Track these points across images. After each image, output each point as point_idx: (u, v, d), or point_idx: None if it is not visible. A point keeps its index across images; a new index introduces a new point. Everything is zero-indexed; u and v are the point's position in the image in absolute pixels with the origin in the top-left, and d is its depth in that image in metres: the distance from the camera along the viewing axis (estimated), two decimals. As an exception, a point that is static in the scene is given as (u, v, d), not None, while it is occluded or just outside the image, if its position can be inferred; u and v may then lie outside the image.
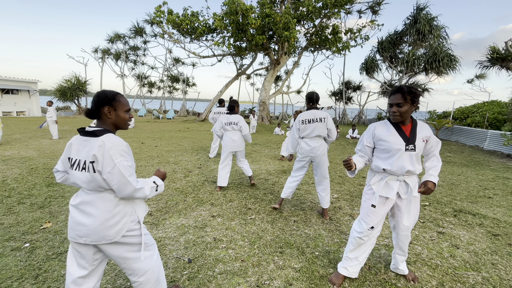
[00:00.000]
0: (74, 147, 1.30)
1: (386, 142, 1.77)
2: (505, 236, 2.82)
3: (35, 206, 3.21)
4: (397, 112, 1.72)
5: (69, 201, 1.35)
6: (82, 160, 1.26)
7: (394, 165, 1.76)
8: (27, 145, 7.29)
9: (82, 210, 1.29)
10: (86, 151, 1.25)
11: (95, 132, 1.26)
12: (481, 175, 5.69)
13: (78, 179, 1.28)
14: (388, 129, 1.80)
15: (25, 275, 1.95)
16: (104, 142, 1.23)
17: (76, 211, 1.30)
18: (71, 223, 1.31)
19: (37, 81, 19.98)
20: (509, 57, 11.80)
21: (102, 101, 1.32)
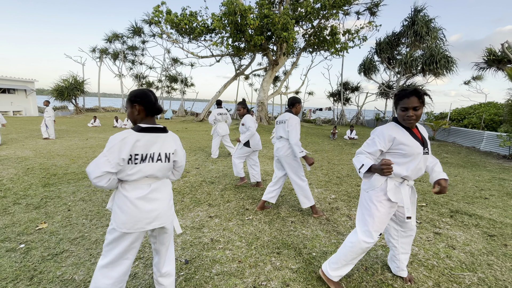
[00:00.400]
0: (139, 143, 1.38)
1: (408, 147, 1.67)
2: (501, 237, 2.84)
3: (30, 206, 3.18)
4: (414, 116, 1.65)
5: (128, 196, 1.39)
6: (157, 152, 1.43)
7: (414, 170, 1.71)
8: (23, 145, 7.24)
9: (151, 198, 1.44)
10: (159, 145, 1.44)
11: (164, 128, 1.51)
12: (477, 176, 5.73)
13: (152, 169, 1.42)
14: (404, 133, 1.71)
15: (20, 276, 1.94)
16: (175, 137, 1.56)
17: (143, 201, 1.41)
18: (138, 215, 1.40)
19: (34, 80, 19.85)
20: (505, 59, 11.91)
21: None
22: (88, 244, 2.40)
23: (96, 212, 3.08)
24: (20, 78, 18.84)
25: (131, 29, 22.02)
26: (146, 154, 1.40)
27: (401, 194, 1.75)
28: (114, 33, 23.23)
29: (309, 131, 14.43)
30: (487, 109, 12.12)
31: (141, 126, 1.42)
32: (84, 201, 3.41)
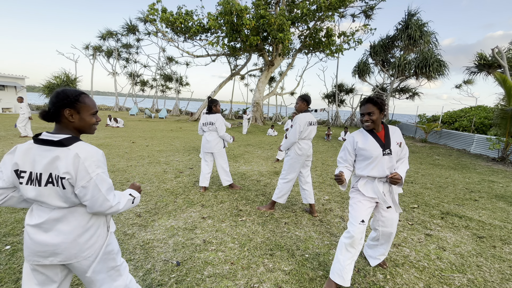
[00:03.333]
0: (26, 157, 1.08)
1: (365, 151, 1.90)
2: (490, 239, 2.89)
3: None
4: (369, 120, 1.89)
5: (26, 222, 1.16)
6: (45, 173, 1.08)
7: (375, 170, 1.90)
8: (12, 143, 7.06)
9: (48, 229, 1.12)
10: (47, 162, 1.07)
11: (62, 141, 1.09)
12: (467, 178, 5.84)
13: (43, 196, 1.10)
14: (365, 137, 1.94)
15: (5, 279, 1.88)
16: (78, 154, 1.09)
17: (39, 231, 1.12)
18: (31, 245, 1.13)
19: (24, 77, 19.40)
20: (496, 64, 12.19)
21: (63, 103, 1.12)
22: (77, 246, 2.34)
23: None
24: (10, 75, 18.39)
25: (125, 27, 21.75)
26: (31, 172, 1.09)
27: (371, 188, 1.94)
28: (108, 30, 22.91)
29: (304, 132, 14.45)
30: (477, 113, 12.38)
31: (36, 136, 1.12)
32: (74, 201, 3.33)
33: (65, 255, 1.15)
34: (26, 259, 1.16)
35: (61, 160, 1.08)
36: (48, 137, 1.10)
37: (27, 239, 1.14)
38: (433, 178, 5.63)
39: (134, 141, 8.34)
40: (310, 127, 3.11)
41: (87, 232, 1.19)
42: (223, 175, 4.03)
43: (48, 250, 1.13)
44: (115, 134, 9.87)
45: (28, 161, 1.09)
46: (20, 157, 1.10)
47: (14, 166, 1.10)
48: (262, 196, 3.91)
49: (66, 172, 1.07)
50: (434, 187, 4.90)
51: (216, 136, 3.87)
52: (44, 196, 1.10)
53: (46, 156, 1.08)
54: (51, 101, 1.13)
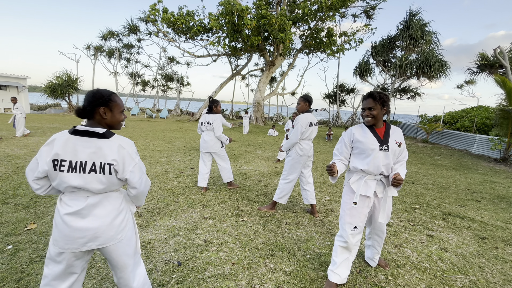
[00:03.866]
0: (66, 147, 1.18)
1: (362, 143, 1.89)
2: (492, 240, 2.88)
3: (20, 206, 3.11)
4: (369, 115, 1.87)
5: (60, 212, 1.23)
6: (89, 161, 1.19)
7: (370, 165, 1.87)
8: (13, 142, 7.08)
9: (86, 215, 1.23)
10: (91, 152, 1.20)
11: (105, 133, 1.24)
12: (469, 178, 5.82)
13: (81, 181, 1.20)
14: (363, 131, 1.93)
15: (7, 279, 1.88)
16: (121, 145, 1.26)
17: (77, 218, 1.22)
18: (70, 233, 1.21)
19: (26, 77, 19.47)
20: (497, 64, 12.14)
21: (98, 101, 1.26)
22: (78, 246, 2.34)
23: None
24: (11, 75, 18.46)
25: (127, 27, 21.79)
26: (73, 161, 1.19)
27: (367, 187, 1.89)
28: (109, 30, 22.96)
29: (305, 132, 14.45)
30: (479, 113, 12.34)
31: (73, 128, 1.24)
32: (75, 201, 3.34)
33: (104, 238, 1.27)
34: (63, 248, 1.23)
35: (105, 150, 1.22)
36: (91, 129, 1.22)
37: (64, 228, 1.22)
38: (435, 179, 5.61)
39: (135, 141, 8.36)
40: (311, 128, 3.11)
41: (120, 215, 1.33)
42: (223, 173, 4.07)
43: (88, 234, 1.23)
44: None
45: (68, 151, 1.19)
46: (60, 147, 1.19)
47: (54, 156, 1.18)
48: (263, 196, 3.91)
49: (113, 160, 1.22)
50: (435, 188, 4.89)
51: (213, 136, 3.87)
52: (87, 182, 1.21)
53: (90, 146, 1.21)
54: (88, 100, 1.26)
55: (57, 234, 1.23)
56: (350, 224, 1.90)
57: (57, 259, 1.27)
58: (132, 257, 1.40)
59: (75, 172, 1.19)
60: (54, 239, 1.25)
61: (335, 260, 1.98)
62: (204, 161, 3.97)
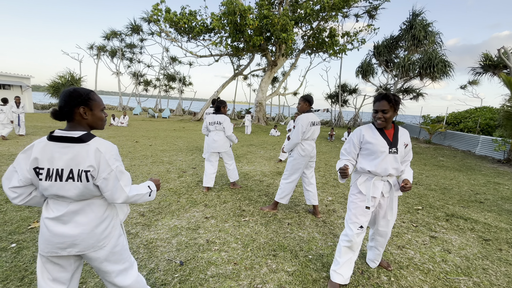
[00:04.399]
0: (44, 154, 1.13)
1: (372, 145, 1.86)
2: (496, 241, 2.86)
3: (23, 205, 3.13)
4: (382, 118, 1.83)
5: (43, 215, 1.20)
6: (66, 169, 1.13)
7: (378, 167, 1.85)
8: (17, 141, 7.14)
9: (67, 221, 1.18)
10: (68, 158, 1.13)
11: (82, 137, 1.16)
12: (472, 179, 5.78)
13: (63, 190, 1.14)
14: (373, 132, 1.90)
15: (10, 277, 1.89)
16: (98, 148, 1.16)
17: (58, 223, 1.18)
18: (50, 237, 1.18)
19: (30, 76, 19.60)
20: (501, 64, 12.05)
21: (77, 101, 1.17)
22: (81, 244, 2.36)
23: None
24: (15, 74, 18.60)
25: (129, 27, 21.88)
26: (51, 169, 1.13)
27: (375, 188, 1.89)
28: (112, 30, 23.05)
29: (307, 133, 14.42)
30: (482, 114, 12.25)
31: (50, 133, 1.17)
32: (78, 200, 3.35)
33: (83, 246, 1.21)
34: (43, 251, 1.20)
35: (82, 156, 1.14)
36: (66, 134, 1.15)
37: (45, 231, 1.18)
38: (438, 180, 5.58)
39: (137, 141, 8.38)
40: (313, 128, 3.10)
41: (103, 223, 1.26)
42: (231, 172, 4.11)
43: (67, 241, 1.18)
44: (118, 134, 9.93)
45: (45, 158, 1.13)
46: (38, 154, 1.13)
47: (34, 163, 1.13)
48: (265, 196, 3.91)
49: (90, 166, 1.14)
50: (438, 189, 4.86)
51: (223, 136, 3.91)
52: (64, 190, 1.15)
53: (66, 152, 1.14)
54: (64, 100, 1.17)
55: (40, 237, 1.21)
56: (356, 223, 1.89)
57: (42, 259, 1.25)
58: (117, 263, 1.33)
59: (51, 181, 1.13)
60: (39, 242, 1.22)
61: (338, 260, 1.97)
62: (212, 161, 4.00)
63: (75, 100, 1.17)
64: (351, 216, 1.92)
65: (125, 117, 13.22)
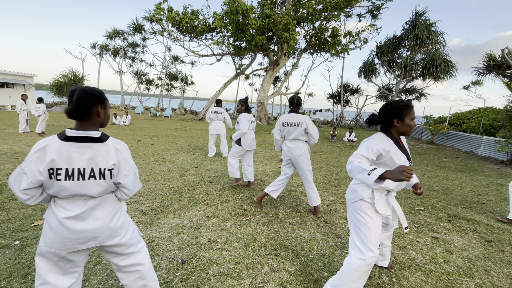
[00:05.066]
0: (60, 155, 1.13)
1: (393, 160, 1.62)
2: (498, 243, 2.84)
3: (26, 202, 3.15)
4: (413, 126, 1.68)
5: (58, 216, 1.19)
6: (87, 168, 1.17)
7: (401, 184, 1.68)
8: (20, 140, 7.19)
9: (86, 217, 1.23)
10: (88, 158, 1.16)
11: (101, 137, 1.21)
12: (475, 180, 5.75)
13: (83, 188, 1.18)
14: (391, 144, 1.65)
15: (14, 274, 1.91)
16: (117, 147, 1.24)
17: (76, 221, 1.21)
18: (69, 235, 1.20)
19: (33, 75, 19.72)
20: (505, 65, 11.96)
21: (96, 100, 1.20)
22: (84, 242, 2.37)
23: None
24: (18, 73, 18.71)
25: (132, 26, 21.93)
26: (70, 169, 1.14)
27: (389, 205, 1.71)
28: (114, 29, 23.13)
29: (308, 132, 14.41)
30: (485, 114, 12.17)
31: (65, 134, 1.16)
32: (80, 198, 3.37)
33: (103, 237, 1.29)
34: (61, 249, 1.22)
35: (103, 155, 1.20)
36: (85, 135, 1.18)
37: (63, 231, 1.20)
38: (440, 180, 5.55)
39: (139, 140, 8.41)
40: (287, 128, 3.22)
41: (117, 214, 1.35)
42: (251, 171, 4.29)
43: (88, 236, 1.24)
44: (120, 132, 9.97)
45: (62, 159, 1.14)
46: (55, 155, 1.13)
47: (49, 165, 1.12)
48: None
49: (113, 164, 1.22)
50: (441, 190, 4.84)
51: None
52: (87, 189, 1.19)
53: (85, 152, 1.17)
54: (84, 99, 1.18)
55: (53, 237, 1.19)
56: (376, 242, 1.63)
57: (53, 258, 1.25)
58: (130, 247, 1.41)
59: (73, 180, 1.15)
60: (49, 242, 1.20)
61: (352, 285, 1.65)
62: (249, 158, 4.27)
63: (94, 99, 1.21)
64: (370, 237, 1.62)
65: (127, 116, 13.30)
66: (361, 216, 1.66)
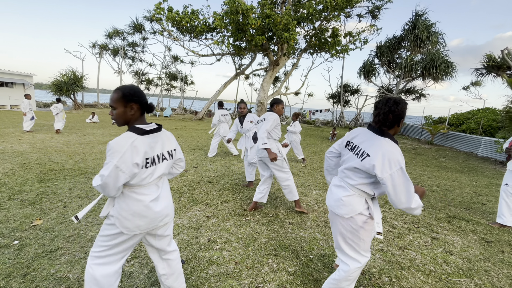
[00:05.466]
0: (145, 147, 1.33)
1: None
2: (498, 243, 2.85)
3: (26, 202, 3.15)
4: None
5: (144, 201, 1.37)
6: (161, 152, 1.43)
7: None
8: (20, 139, 7.17)
9: (160, 197, 1.44)
10: (161, 144, 1.43)
11: (160, 127, 1.45)
12: (474, 181, 5.75)
13: (160, 170, 1.43)
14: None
15: (13, 274, 1.90)
16: (169, 134, 1.54)
17: (156, 202, 1.42)
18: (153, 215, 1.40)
19: (32, 74, 19.68)
20: (505, 65, 11.97)
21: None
22: (83, 242, 2.37)
23: (92, 210, 3.04)
24: (18, 72, 18.68)
25: (131, 26, 21.90)
26: (153, 155, 1.38)
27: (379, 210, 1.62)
28: (114, 29, 23.09)
29: (308, 133, 14.43)
30: (485, 115, 12.18)
31: (143, 129, 1.35)
32: (80, 198, 3.37)
33: (171, 211, 1.54)
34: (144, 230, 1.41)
35: (169, 139, 1.50)
36: (152, 127, 1.40)
37: (150, 213, 1.39)
38: (439, 181, 5.56)
39: (139, 139, 8.40)
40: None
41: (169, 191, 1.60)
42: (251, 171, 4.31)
43: (164, 212, 1.46)
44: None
45: (148, 149, 1.35)
46: (144, 147, 1.33)
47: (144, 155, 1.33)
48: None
49: (176, 145, 1.56)
50: (440, 190, 4.84)
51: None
52: (161, 169, 1.44)
53: (157, 140, 1.41)
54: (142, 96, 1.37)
55: (139, 221, 1.37)
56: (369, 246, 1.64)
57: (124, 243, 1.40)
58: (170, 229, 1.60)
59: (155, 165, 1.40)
60: (134, 227, 1.36)
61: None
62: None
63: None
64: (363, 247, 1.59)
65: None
66: (358, 232, 1.55)
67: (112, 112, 1.36)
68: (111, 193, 1.28)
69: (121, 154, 1.23)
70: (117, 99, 1.31)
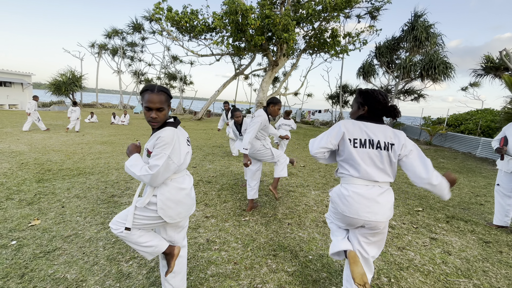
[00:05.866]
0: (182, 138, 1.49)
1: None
2: (496, 244, 2.85)
3: (24, 202, 3.13)
4: None
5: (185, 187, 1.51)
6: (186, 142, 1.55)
7: None
8: (18, 139, 7.14)
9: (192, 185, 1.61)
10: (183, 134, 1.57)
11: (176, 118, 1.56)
12: (473, 182, 5.77)
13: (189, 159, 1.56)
14: None
15: (11, 274, 1.89)
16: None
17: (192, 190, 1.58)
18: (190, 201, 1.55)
19: (31, 74, 19.62)
20: (503, 66, 12.03)
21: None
22: (81, 242, 2.36)
23: (90, 210, 3.03)
24: (16, 71, 18.61)
25: (131, 25, 21.88)
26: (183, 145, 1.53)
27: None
28: (113, 28, 23.05)
29: (308, 133, 14.44)
30: (483, 116, 12.22)
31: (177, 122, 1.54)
32: (78, 198, 3.36)
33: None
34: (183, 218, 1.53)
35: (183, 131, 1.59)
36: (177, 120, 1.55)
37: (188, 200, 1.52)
38: (438, 181, 5.57)
39: (138, 139, 8.38)
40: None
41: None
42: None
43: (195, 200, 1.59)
44: (119, 132, 9.94)
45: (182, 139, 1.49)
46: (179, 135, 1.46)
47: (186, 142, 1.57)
48: (266, 196, 3.90)
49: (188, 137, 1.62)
50: (439, 191, 4.85)
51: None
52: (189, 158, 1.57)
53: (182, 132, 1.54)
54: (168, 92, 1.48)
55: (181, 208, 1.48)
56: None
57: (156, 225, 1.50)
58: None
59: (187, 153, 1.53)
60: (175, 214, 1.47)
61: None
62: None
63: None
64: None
65: (126, 116, 13.25)
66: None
67: (157, 114, 1.37)
68: (159, 182, 1.36)
69: (172, 146, 1.34)
70: (165, 100, 1.39)
